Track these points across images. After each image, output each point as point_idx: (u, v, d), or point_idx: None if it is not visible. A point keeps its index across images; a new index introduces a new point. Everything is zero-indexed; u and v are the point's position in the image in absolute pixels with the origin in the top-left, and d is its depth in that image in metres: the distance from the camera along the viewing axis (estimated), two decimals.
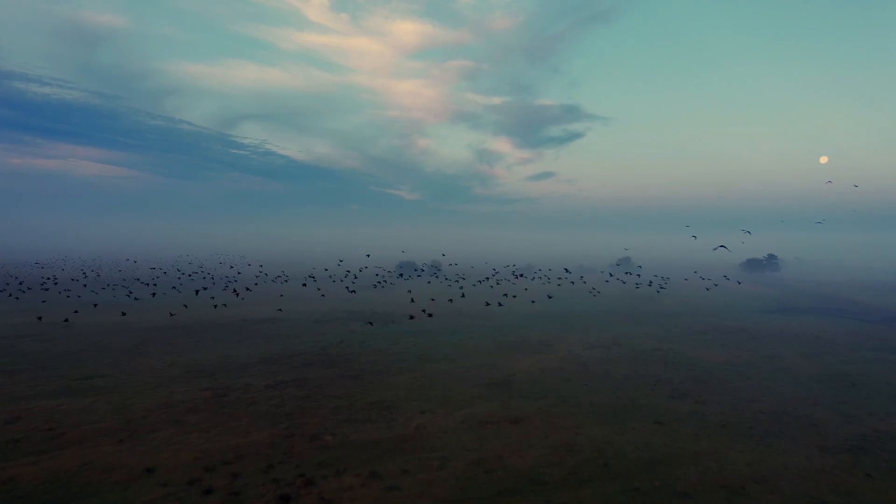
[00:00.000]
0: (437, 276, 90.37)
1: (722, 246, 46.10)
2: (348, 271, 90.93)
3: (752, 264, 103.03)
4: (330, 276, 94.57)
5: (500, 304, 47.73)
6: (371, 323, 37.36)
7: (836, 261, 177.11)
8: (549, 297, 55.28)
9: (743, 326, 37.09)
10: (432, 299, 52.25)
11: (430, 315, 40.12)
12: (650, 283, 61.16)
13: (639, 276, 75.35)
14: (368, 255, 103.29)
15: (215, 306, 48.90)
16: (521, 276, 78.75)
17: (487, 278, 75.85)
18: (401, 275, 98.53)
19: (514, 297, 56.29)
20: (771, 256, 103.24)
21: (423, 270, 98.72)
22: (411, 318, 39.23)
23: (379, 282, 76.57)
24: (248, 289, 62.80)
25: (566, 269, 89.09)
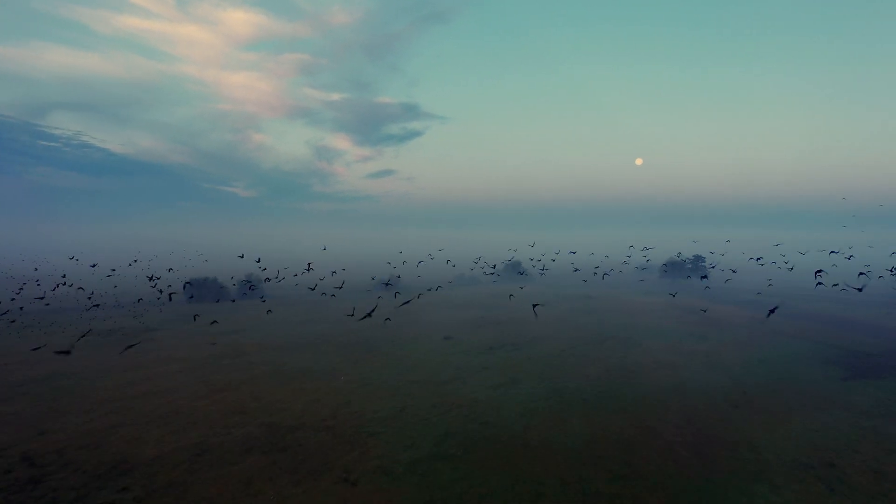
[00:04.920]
0: (253, 296, 60.88)
1: None
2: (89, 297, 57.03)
3: (674, 269, 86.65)
4: (46, 302, 57.30)
5: None
6: None
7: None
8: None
9: None
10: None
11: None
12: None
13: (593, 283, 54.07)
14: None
15: None
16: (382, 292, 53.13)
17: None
18: (191, 297, 66.18)
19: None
20: (698, 258, 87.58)
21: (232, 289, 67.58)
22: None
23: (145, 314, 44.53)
24: None
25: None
